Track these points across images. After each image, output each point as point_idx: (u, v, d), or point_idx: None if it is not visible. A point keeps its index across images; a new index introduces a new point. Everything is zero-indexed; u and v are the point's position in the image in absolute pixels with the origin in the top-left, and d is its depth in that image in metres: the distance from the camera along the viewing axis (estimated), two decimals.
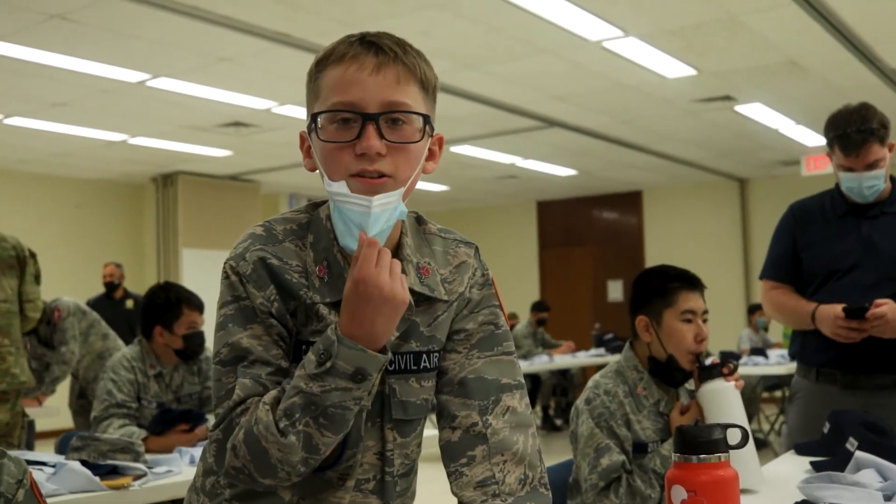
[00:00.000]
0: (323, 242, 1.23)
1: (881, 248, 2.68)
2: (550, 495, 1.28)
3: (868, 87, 7.08)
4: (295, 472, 1.14)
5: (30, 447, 4.97)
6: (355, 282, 1.11)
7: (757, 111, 8.16)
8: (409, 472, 1.33)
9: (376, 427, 1.26)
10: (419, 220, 1.34)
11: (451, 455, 1.27)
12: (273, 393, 1.15)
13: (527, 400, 1.32)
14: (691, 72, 6.75)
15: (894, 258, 2.66)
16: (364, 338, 1.11)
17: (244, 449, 1.13)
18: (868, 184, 2.67)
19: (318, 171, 1.23)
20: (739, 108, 8.04)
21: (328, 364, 1.11)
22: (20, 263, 3.46)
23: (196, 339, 3.21)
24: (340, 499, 1.25)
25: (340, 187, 1.17)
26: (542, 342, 10.05)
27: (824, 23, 5.66)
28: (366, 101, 1.17)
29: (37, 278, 3.61)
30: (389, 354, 1.14)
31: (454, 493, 1.27)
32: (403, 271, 1.24)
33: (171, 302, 3.21)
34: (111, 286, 7.04)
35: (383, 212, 1.16)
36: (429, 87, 1.24)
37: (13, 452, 1.43)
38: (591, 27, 5.68)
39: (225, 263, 1.22)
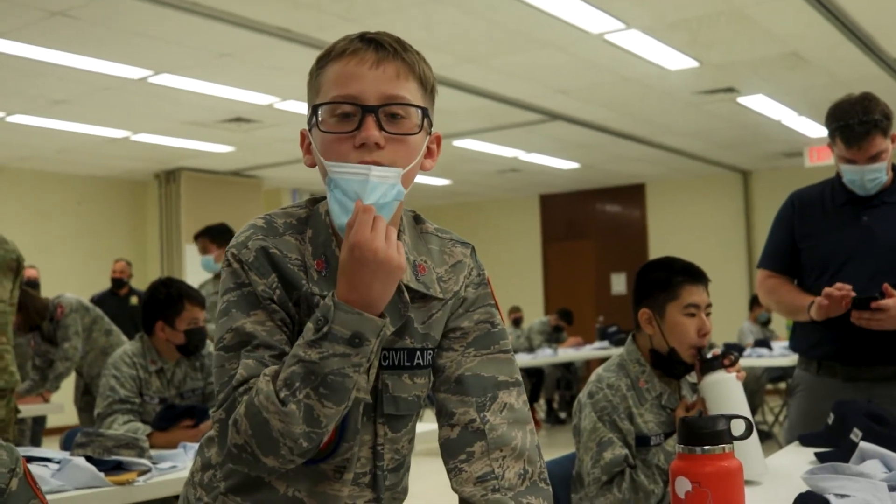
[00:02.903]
0: (322, 237, 1.24)
1: (880, 238, 2.64)
2: (551, 490, 1.28)
3: (871, 79, 7.05)
4: (297, 449, 1.12)
5: (37, 444, 4.99)
6: (350, 247, 1.12)
7: (760, 103, 8.14)
8: (399, 468, 1.33)
9: (369, 421, 1.27)
10: (417, 219, 1.35)
11: (450, 452, 1.28)
12: (274, 367, 1.15)
13: (524, 397, 1.32)
14: (694, 64, 6.73)
15: (892, 249, 2.62)
16: (361, 303, 1.12)
17: (245, 423, 1.12)
18: (870, 176, 2.63)
19: (317, 166, 1.23)
20: (742, 100, 8.01)
21: (325, 329, 1.11)
22: (18, 268, 3.48)
23: (197, 335, 3.21)
24: (338, 491, 1.25)
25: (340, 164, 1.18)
26: (556, 340, 10.05)
27: (827, 14, 5.64)
28: (366, 93, 1.19)
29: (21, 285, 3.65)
30: (387, 319, 1.15)
31: (454, 490, 1.27)
32: None
33: (172, 297, 3.21)
34: (119, 282, 7.06)
35: (381, 183, 1.17)
36: (427, 86, 1.26)
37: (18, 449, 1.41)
38: (592, 20, 5.66)
39: (227, 251, 1.22)
